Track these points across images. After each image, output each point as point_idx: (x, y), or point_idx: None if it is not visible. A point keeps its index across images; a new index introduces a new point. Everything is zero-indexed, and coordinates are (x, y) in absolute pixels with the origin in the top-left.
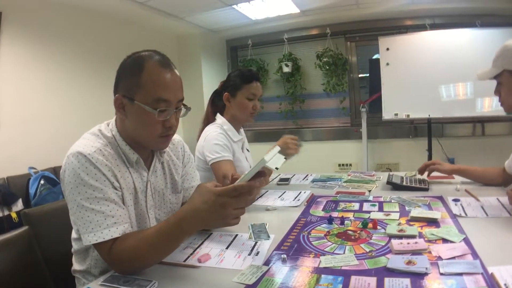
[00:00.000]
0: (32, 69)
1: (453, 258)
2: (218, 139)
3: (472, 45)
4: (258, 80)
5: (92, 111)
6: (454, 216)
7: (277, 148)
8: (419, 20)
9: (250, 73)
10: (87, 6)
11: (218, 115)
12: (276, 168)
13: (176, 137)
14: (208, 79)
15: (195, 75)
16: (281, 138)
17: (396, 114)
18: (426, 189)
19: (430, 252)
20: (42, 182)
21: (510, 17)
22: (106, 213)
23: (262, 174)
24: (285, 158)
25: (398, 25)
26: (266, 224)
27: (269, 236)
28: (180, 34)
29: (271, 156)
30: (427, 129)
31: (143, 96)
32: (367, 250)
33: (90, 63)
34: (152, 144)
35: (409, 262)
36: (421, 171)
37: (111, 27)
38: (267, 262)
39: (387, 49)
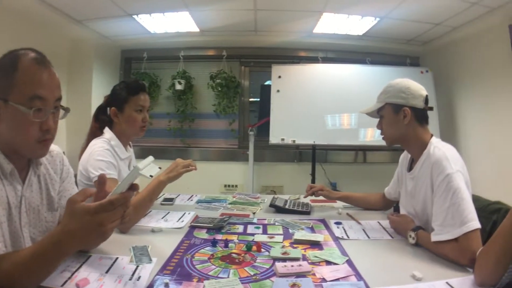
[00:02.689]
0: None
1: (337, 279)
2: (103, 155)
3: (361, 79)
4: (145, 91)
5: None
6: (336, 239)
7: (151, 158)
8: (313, 53)
9: (136, 84)
10: None
11: (107, 129)
12: (151, 176)
13: (56, 148)
14: (98, 88)
15: (85, 82)
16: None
17: (282, 139)
18: (308, 213)
19: (314, 274)
20: None
21: (398, 56)
22: None
23: (135, 187)
24: (159, 167)
25: (292, 55)
26: (148, 247)
27: (151, 260)
28: (75, 38)
29: (145, 164)
30: (312, 155)
31: (17, 95)
32: (252, 273)
33: None
34: (29, 150)
35: (293, 285)
36: (307, 193)
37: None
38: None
39: (279, 76)
